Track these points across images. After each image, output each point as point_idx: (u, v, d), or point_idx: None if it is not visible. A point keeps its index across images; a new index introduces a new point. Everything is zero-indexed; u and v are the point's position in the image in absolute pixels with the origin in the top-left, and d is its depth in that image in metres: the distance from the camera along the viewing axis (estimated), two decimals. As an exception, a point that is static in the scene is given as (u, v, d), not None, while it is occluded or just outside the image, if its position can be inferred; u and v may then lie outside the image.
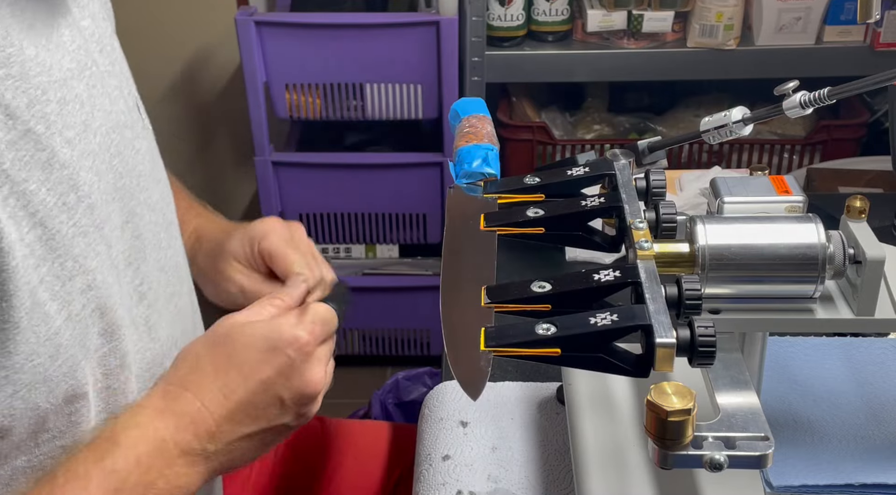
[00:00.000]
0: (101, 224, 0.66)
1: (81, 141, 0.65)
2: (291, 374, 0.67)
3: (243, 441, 0.68)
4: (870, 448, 0.79)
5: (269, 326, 0.68)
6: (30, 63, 0.61)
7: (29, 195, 0.59)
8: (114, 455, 0.64)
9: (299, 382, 0.68)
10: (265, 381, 0.67)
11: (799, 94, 0.73)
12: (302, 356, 0.67)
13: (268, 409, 0.68)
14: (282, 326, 0.68)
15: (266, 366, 0.67)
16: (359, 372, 2.30)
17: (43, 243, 0.60)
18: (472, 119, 0.79)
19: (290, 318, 0.69)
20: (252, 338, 0.68)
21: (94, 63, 0.71)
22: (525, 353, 0.59)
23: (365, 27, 1.81)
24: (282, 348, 0.67)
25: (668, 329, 0.57)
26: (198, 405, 0.67)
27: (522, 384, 0.98)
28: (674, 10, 1.82)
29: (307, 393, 0.68)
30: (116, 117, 0.72)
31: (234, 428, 0.67)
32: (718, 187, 0.74)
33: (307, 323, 0.69)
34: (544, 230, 0.71)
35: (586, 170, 0.75)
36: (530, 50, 1.88)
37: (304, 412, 0.70)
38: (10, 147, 0.58)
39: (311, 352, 0.68)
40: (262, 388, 0.67)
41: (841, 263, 0.67)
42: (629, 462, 0.77)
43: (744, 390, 0.65)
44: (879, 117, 1.98)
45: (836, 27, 1.82)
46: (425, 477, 0.88)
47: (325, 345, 0.70)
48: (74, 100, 0.65)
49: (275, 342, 0.67)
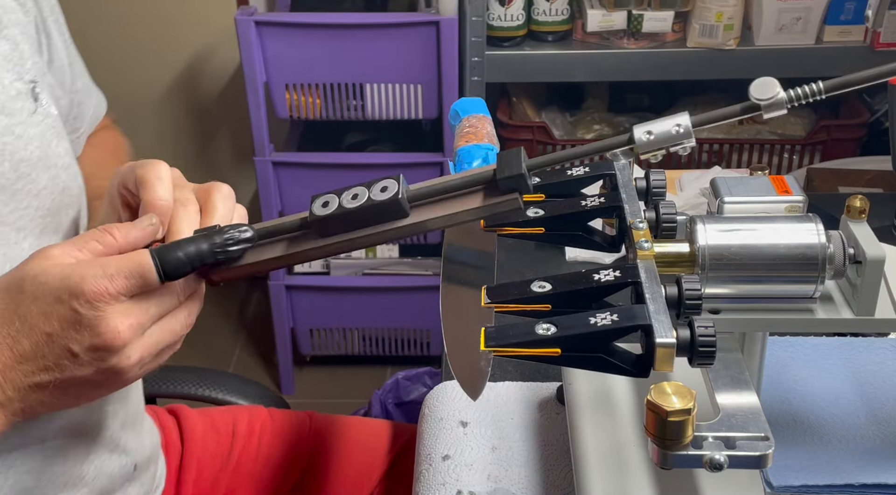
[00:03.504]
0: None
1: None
2: (80, 328, 0.64)
3: (37, 390, 0.66)
4: (870, 448, 0.79)
5: (63, 274, 0.64)
6: None
7: None
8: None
9: (90, 335, 0.64)
10: (50, 334, 0.64)
11: (780, 93, 0.65)
12: (91, 310, 0.63)
13: (59, 361, 0.65)
14: (74, 276, 0.63)
15: (50, 318, 0.64)
16: (359, 372, 2.30)
17: None
18: (472, 119, 0.79)
19: (92, 267, 0.64)
20: (42, 288, 0.64)
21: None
22: (525, 353, 0.59)
23: (365, 27, 1.81)
24: (67, 301, 0.63)
25: (668, 329, 0.58)
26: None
27: (522, 384, 0.98)
28: (674, 10, 1.82)
29: (102, 347, 0.64)
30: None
31: (22, 377, 0.66)
32: (718, 187, 0.74)
33: (107, 275, 0.63)
34: (544, 230, 0.71)
35: (586, 170, 0.75)
36: (530, 50, 1.88)
37: (107, 366, 0.65)
38: None
39: (103, 307, 0.63)
40: (46, 340, 0.64)
41: (841, 263, 0.67)
42: (629, 462, 0.77)
43: (744, 390, 0.65)
44: (879, 117, 1.98)
45: (836, 27, 1.82)
46: (425, 477, 0.88)
47: (134, 300, 0.65)
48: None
49: (62, 293, 0.64)
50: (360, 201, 0.65)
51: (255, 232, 0.68)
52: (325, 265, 2.15)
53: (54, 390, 0.66)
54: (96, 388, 0.68)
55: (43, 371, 0.65)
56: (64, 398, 0.68)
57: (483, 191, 0.65)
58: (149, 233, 0.69)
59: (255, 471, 1.09)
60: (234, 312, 2.55)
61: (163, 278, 0.65)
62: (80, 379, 0.66)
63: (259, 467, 1.09)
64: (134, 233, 0.68)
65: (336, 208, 0.66)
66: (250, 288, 2.61)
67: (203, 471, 1.07)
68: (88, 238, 0.67)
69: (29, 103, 0.78)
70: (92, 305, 0.63)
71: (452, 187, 0.66)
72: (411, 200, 0.66)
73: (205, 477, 1.07)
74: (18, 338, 0.65)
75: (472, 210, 0.65)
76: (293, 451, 1.11)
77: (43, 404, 0.67)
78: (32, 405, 0.67)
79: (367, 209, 0.65)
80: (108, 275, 0.63)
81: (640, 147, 0.64)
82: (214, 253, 0.66)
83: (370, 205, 0.65)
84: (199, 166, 2.37)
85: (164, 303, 0.66)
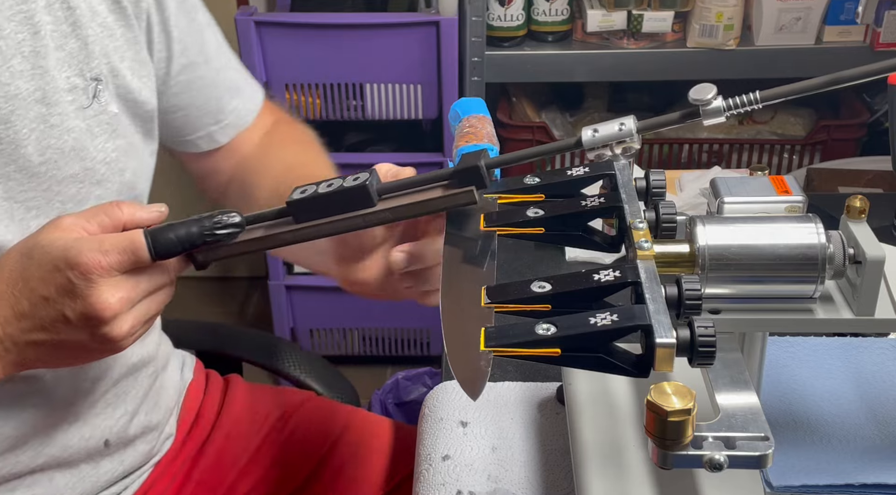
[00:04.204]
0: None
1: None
2: (74, 296, 0.69)
3: (33, 347, 0.73)
4: (870, 448, 0.79)
5: (65, 246, 0.69)
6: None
7: None
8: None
9: (82, 304, 0.69)
10: (47, 298, 0.70)
11: (719, 99, 0.65)
12: (84, 281, 0.68)
13: (55, 324, 0.71)
14: (73, 249, 0.69)
15: (48, 284, 0.70)
16: (359, 372, 2.30)
17: None
18: (472, 119, 0.79)
19: (90, 242, 0.69)
20: (46, 256, 0.70)
21: (2, 37, 0.78)
22: (525, 353, 0.59)
23: (365, 27, 1.81)
24: (63, 270, 0.69)
25: (668, 329, 0.57)
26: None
27: (522, 384, 0.98)
28: (674, 10, 1.82)
29: (92, 316, 0.69)
30: (17, 89, 0.79)
31: (20, 334, 0.72)
32: (718, 187, 0.74)
33: (102, 250, 0.69)
34: (544, 230, 0.71)
35: (586, 170, 0.75)
36: (530, 50, 1.88)
37: (100, 334, 0.70)
38: None
39: (95, 279, 0.68)
40: (44, 304, 0.70)
41: (841, 263, 0.67)
42: (629, 462, 0.77)
43: (744, 390, 0.65)
44: (879, 117, 1.98)
45: (836, 27, 1.82)
46: (425, 477, 0.88)
47: (126, 276, 0.70)
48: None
49: (60, 262, 0.69)
50: (333, 188, 0.70)
51: (242, 217, 0.72)
52: (325, 265, 2.15)
53: (50, 348, 0.73)
54: (91, 352, 0.74)
55: (39, 330, 0.71)
56: (60, 356, 0.74)
57: (443, 186, 0.70)
58: (154, 217, 0.73)
59: (276, 458, 1.11)
60: (235, 312, 2.55)
61: (154, 257, 0.70)
62: (74, 343, 0.72)
63: (281, 454, 1.11)
64: (140, 213, 0.73)
65: (311, 193, 0.71)
66: (250, 288, 2.61)
67: (226, 451, 1.09)
68: (98, 211, 0.72)
69: (82, 98, 0.84)
70: (85, 277, 0.68)
71: (419, 181, 0.71)
72: (381, 193, 0.71)
73: (227, 454, 1.09)
74: (20, 298, 0.71)
75: (430, 201, 0.70)
76: (317, 443, 1.13)
77: (40, 360, 0.75)
78: (30, 359, 0.74)
79: (337, 194, 0.70)
80: (103, 251, 0.69)
81: (587, 144, 0.67)
82: (204, 235, 0.70)
83: (340, 190, 0.70)
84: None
85: (155, 280, 0.72)
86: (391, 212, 0.71)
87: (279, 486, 1.09)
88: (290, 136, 1.07)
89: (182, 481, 1.06)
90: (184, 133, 1.00)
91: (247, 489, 1.08)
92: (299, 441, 1.13)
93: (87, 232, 0.71)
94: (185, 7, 0.94)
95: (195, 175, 1.07)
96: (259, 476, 1.09)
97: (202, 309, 2.53)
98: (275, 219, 0.73)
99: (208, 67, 0.98)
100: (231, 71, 1.03)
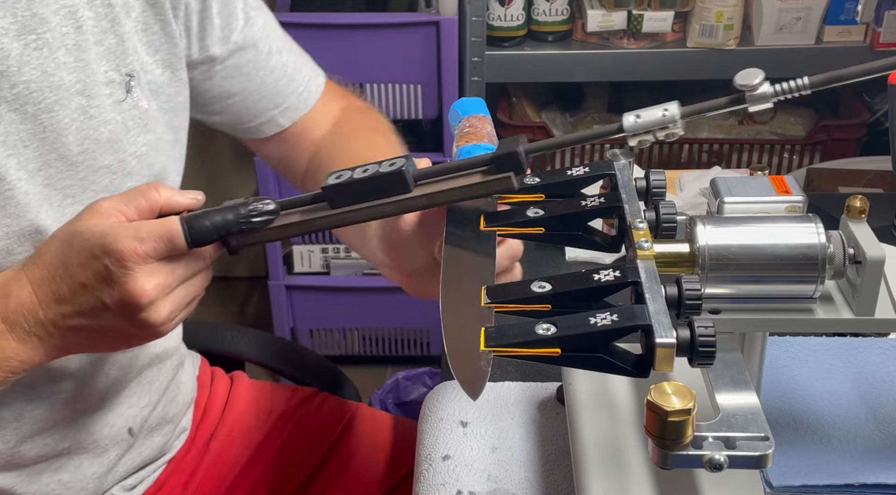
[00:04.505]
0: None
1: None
2: (111, 282, 0.70)
3: (74, 332, 0.74)
4: (870, 448, 0.79)
5: (103, 232, 0.70)
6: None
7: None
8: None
9: (119, 291, 0.70)
10: (85, 284, 0.71)
11: (766, 85, 0.66)
12: (120, 268, 0.69)
13: (94, 310, 0.72)
14: (110, 236, 0.70)
15: (86, 270, 0.71)
16: (359, 372, 2.30)
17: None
18: (472, 119, 0.79)
19: (126, 229, 0.70)
20: (85, 243, 0.71)
21: (49, 29, 0.80)
22: (525, 353, 0.59)
23: (365, 27, 1.81)
24: (100, 257, 0.70)
25: (668, 329, 0.57)
26: (28, 290, 0.74)
27: (522, 384, 0.98)
28: (674, 10, 1.82)
29: (130, 303, 0.70)
30: (62, 81, 0.81)
31: (61, 319, 0.73)
32: (718, 187, 0.74)
33: (138, 237, 0.70)
34: (544, 230, 0.71)
35: (586, 170, 0.75)
36: (530, 50, 1.88)
37: (139, 319, 0.71)
38: None
39: (132, 266, 0.69)
40: (82, 290, 0.72)
41: (841, 263, 0.67)
42: (629, 462, 0.77)
43: (744, 390, 0.65)
44: (879, 117, 1.98)
45: (836, 27, 1.82)
46: (425, 477, 0.88)
47: (162, 262, 0.71)
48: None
49: (97, 250, 0.70)
50: (369, 173, 0.70)
51: (277, 204, 0.72)
52: (324, 265, 2.15)
53: (91, 333, 0.74)
54: (132, 337, 0.76)
55: (79, 315, 0.73)
56: (102, 342, 0.77)
57: (482, 172, 0.69)
58: (190, 203, 0.75)
59: (278, 455, 1.11)
60: (235, 312, 2.55)
61: (190, 244, 0.71)
62: (115, 328, 0.73)
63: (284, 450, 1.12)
64: (177, 197, 0.74)
65: (346, 178, 0.70)
66: (250, 288, 2.61)
67: (230, 447, 1.10)
68: (136, 194, 0.74)
69: (118, 92, 0.86)
70: (121, 264, 0.69)
71: (455, 168, 0.71)
72: (416, 179, 0.71)
73: (231, 450, 1.10)
74: (60, 283, 0.72)
75: (469, 187, 0.69)
76: (320, 439, 1.13)
77: (82, 345, 0.76)
78: (72, 344, 0.76)
79: (373, 179, 0.70)
80: (140, 238, 0.70)
81: (629, 129, 0.66)
82: (240, 222, 0.71)
83: (377, 175, 0.70)
84: (199, 167, 2.37)
85: (191, 267, 0.73)
86: (427, 198, 0.70)
87: (282, 483, 1.10)
88: (363, 124, 1.07)
89: (190, 476, 1.07)
90: (246, 119, 1.01)
91: (250, 485, 1.09)
92: (303, 437, 1.13)
93: (125, 215, 0.72)
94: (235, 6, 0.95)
95: (272, 163, 1.10)
96: (262, 472, 1.10)
97: (202, 309, 2.51)
98: (310, 204, 0.73)
99: (257, 51, 0.99)
100: (286, 54, 1.03)
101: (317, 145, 1.04)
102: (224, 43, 0.95)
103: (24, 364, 0.75)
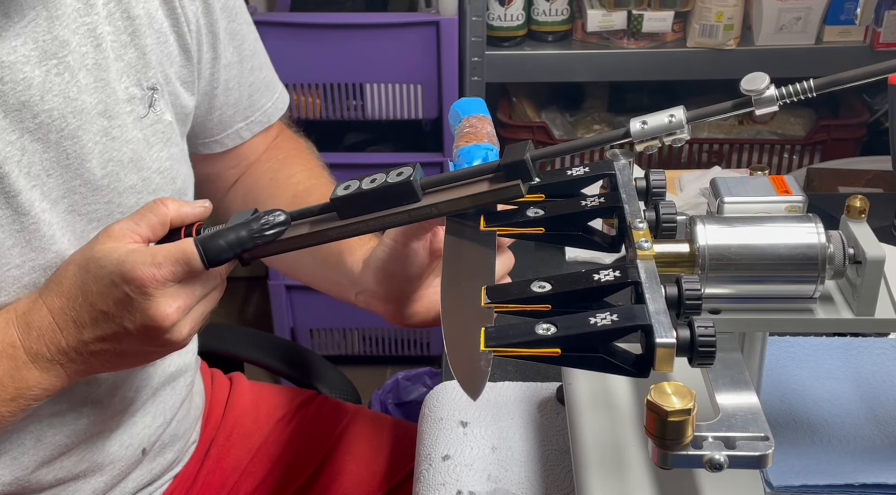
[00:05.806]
0: (14, 193, 0.76)
1: (12, 119, 0.75)
2: (132, 309, 0.71)
3: (96, 356, 0.75)
4: (870, 448, 0.79)
5: (119, 259, 0.71)
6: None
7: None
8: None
9: (142, 317, 0.71)
10: (106, 312, 0.72)
11: (772, 89, 0.65)
12: (141, 295, 0.70)
13: (116, 335, 0.73)
14: (128, 263, 0.70)
15: (107, 298, 0.72)
16: (359, 372, 2.30)
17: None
18: (472, 119, 0.79)
19: (145, 255, 0.70)
20: (102, 270, 0.71)
21: (69, 51, 0.78)
22: (525, 353, 0.59)
23: (365, 27, 1.81)
24: (120, 285, 0.70)
25: (668, 329, 0.57)
26: (49, 319, 0.74)
27: (522, 384, 0.98)
28: (674, 10, 1.82)
29: (153, 327, 0.71)
30: (84, 104, 0.79)
31: (83, 346, 0.74)
32: (718, 187, 0.74)
33: (156, 263, 0.70)
34: (544, 230, 0.71)
35: (586, 170, 0.75)
36: (530, 50, 1.88)
37: (163, 340, 0.72)
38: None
39: (152, 292, 0.70)
40: (104, 317, 0.72)
41: (841, 263, 0.67)
42: (629, 462, 0.77)
43: (744, 390, 0.65)
44: (879, 117, 1.98)
45: (836, 27, 1.82)
46: (425, 477, 0.88)
47: (180, 285, 0.71)
48: (21, 81, 0.75)
49: (116, 278, 0.71)
50: (377, 183, 0.70)
51: (287, 215, 0.73)
52: (325, 265, 2.15)
53: (113, 356, 0.75)
54: (152, 354, 0.78)
55: (101, 341, 0.74)
56: (122, 362, 0.77)
57: (489, 179, 0.70)
58: (198, 213, 0.76)
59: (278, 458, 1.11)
60: (235, 312, 2.55)
61: (207, 265, 0.72)
62: (136, 350, 0.75)
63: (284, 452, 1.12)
64: (186, 208, 0.76)
65: (355, 189, 0.71)
66: (250, 288, 2.61)
67: (230, 449, 1.10)
68: (145, 211, 0.75)
69: (140, 108, 0.85)
70: (142, 291, 0.70)
71: (462, 176, 0.71)
72: (424, 187, 0.71)
73: (231, 452, 1.10)
74: (80, 311, 0.73)
75: (477, 195, 0.69)
76: (320, 441, 1.13)
77: (104, 367, 0.77)
78: (94, 366, 0.76)
79: (382, 190, 0.70)
80: (157, 264, 0.70)
81: (636, 136, 0.66)
82: (253, 238, 0.72)
83: (385, 186, 0.70)
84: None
85: (208, 284, 0.74)
86: (435, 208, 0.71)
87: (283, 484, 1.09)
88: (295, 153, 1.07)
89: (192, 482, 1.06)
90: (215, 132, 1.00)
91: (250, 487, 1.09)
92: (302, 440, 1.13)
93: (139, 235, 0.73)
94: (229, 5, 0.95)
95: (198, 179, 1.07)
96: (262, 474, 1.10)
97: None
98: (318, 214, 0.73)
99: (243, 67, 0.99)
100: (265, 70, 1.03)
101: (248, 167, 1.04)
102: (224, 56, 0.95)
103: (47, 391, 0.76)
